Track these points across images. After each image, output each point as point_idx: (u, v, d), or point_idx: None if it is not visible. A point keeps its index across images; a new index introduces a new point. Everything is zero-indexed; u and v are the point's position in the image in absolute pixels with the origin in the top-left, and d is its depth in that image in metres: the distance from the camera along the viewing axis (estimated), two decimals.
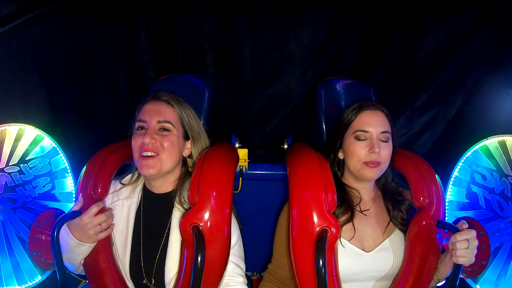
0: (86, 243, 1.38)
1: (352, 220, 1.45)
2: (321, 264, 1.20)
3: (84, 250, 1.39)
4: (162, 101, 1.48)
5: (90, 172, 1.48)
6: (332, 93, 1.90)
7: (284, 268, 1.52)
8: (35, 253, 1.73)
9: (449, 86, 2.35)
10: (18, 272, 1.95)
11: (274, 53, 2.45)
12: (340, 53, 2.44)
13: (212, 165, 1.36)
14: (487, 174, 1.99)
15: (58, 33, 2.21)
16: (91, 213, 1.37)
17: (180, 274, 1.33)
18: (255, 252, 1.74)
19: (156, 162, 1.41)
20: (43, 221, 1.74)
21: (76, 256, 1.40)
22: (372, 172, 1.44)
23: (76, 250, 1.39)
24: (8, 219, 1.98)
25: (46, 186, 2.03)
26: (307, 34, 2.41)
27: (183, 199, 1.45)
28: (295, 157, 1.45)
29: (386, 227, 1.49)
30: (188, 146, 1.53)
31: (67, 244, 1.37)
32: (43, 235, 1.74)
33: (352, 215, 1.46)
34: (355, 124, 1.49)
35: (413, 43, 2.34)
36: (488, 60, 2.24)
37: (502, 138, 1.99)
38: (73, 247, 1.38)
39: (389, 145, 1.47)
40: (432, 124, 2.44)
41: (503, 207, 1.95)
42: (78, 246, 1.38)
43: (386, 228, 1.49)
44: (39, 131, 2.03)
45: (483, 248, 1.69)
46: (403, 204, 1.52)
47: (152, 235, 1.47)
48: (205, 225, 1.26)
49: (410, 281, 1.39)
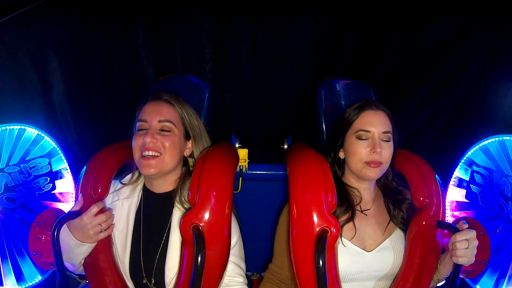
0: (86, 243, 1.38)
1: (352, 220, 1.45)
2: (321, 264, 1.20)
3: (84, 250, 1.39)
4: (163, 100, 1.48)
5: (90, 172, 1.48)
6: (332, 93, 1.90)
7: (285, 268, 1.52)
8: (35, 253, 1.73)
9: (448, 83, 2.35)
10: (18, 272, 1.95)
11: (273, 49, 2.44)
12: (339, 49, 2.43)
13: (212, 165, 1.36)
14: (487, 174, 1.99)
15: (58, 34, 2.20)
16: (91, 213, 1.37)
17: (180, 274, 1.33)
18: (255, 252, 1.74)
19: (158, 162, 1.41)
20: (43, 221, 1.74)
21: (76, 256, 1.40)
22: (374, 172, 1.44)
23: (76, 250, 1.39)
24: (8, 219, 1.98)
25: (46, 186, 2.03)
26: (306, 31, 2.40)
27: (184, 199, 1.45)
28: (295, 157, 1.45)
29: (386, 227, 1.49)
30: (189, 145, 1.53)
31: (67, 244, 1.37)
32: (43, 235, 1.74)
33: (353, 215, 1.46)
34: (356, 124, 1.49)
35: (412, 40, 2.33)
36: (487, 56, 2.24)
37: (502, 138, 1.99)
38: (73, 247, 1.37)
39: (391, 145, 1.47)
40: (432, 120, 2.43)
41: (503, 207, 1.95)
42: (78, 246, 1.38)
43: (387, 227, 1.49)
44: (39, 131, 2.03)
45: (483, 248, 1.69)
46: (404, 203, 1.52)
47: (152, 234, 1.47)
48: (205, 225, 1.26)
49: (410, 281, 1.39)
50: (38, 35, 2.14)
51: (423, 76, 2.38)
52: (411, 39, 2.33)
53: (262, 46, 2.41)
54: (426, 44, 2.32)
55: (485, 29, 2.20)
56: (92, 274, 1.46)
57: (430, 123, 2.44)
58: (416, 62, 2.36)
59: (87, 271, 1.47)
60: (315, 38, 2.40)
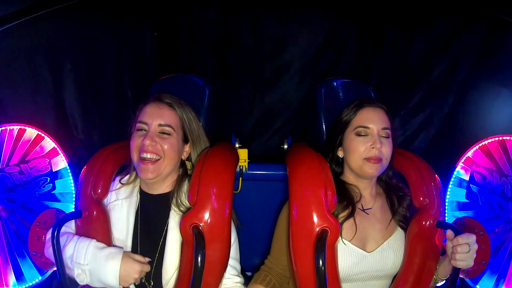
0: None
1: (353, 216, 1.45)
2: (321, 264, 1.20)
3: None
4: (165, 103, 1.48)
5: (90, 172, 1.48)
6: (332, 93, 1.90)
7: (279, 265, 1.52)
8: (35, 253, 1.73)
9: (440, 86, 2.39)
10: (18, 272, 1.95)
11: (274, 59, 2.51)
12: (337, 59, 2.50)
13: (212, 165, 1.36)
14: (487, 174, 1.99)
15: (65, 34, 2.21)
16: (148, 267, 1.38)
17: (180, 274, 1.33)
18: (254, 252, 1.74)
19: (156, 168, 1.41)
20: (43, 221, 1.74)
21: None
22: (374, 169, 1.44)
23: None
24: (8, 219, 1.98)
25: (46, 186, 2.03)
26: (305, 40, 2.47)
27: (180, 201, 1.45)
28: (295, 157, 1.45)
29: (387, 227, 1.49)
30: (186, 149, 1.53)
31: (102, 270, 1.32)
32: (43, 235, 1.74)
33: (353, 211, 1.45)
34: (355, 121, 1.49)
35: (404, 46, 2.39)
36: (477, 59, 2.26)
37: (502, 138, 1.99)
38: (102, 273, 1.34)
39: (390, 142, 1.47)
40: (426, 124, 2.47)
41: (503, 207, 1.95)
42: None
43: (388, 227, 1.49)
44: (39, 131, 2.02)
45: (483, 248, 1.69)
46: (405, 200, 1.53)
47: (150, 235, 1.47)
48: (205, 225, 1.26)
49: (410, 281, 1.39)
50: (52, 39, 2.16)
51: (415, 81, 2.43)
52: (403, 45, 2.39)
53: (263, 56, 2.49)
54: (417, 49, 2.38)
55: (473, 32, 2.24)
56: None
57: (430, 123, 2.46)
58: (408, 66, 2.42)
59: None
60: (313, 49, 2.48)
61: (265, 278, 1.54)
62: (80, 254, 1.32)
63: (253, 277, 1.57)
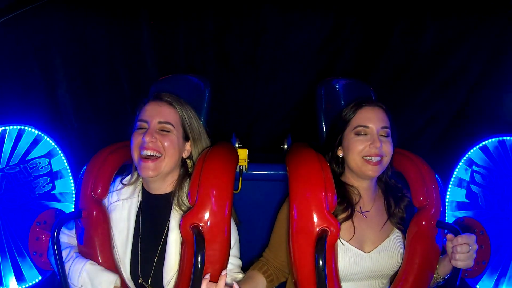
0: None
1: (351, 218, 1.45)
2: (321, 264, 1.20)
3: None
4: (164, 101, 1.48)
5: (90, 172, 1.48)
6: (332, 93, 1.90)
7: (277, 259, 1.53)
8: (35, 253, 1.74)
9: (449, 84, 2.36)
10: (18, 272, 1.95)
11: (275, 51, 2.45)
12: (340, 52, 2.44)
13: (212, 165, 1.36)
14: (487, 174, 1.99)
15: (60, 32, 2.20)
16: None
17: (180, 274, 1.33)
18: (254, 251, 1.74)
19: (156, 165, 1.41)
20: (43, 221, 1.74)
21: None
22: (373, 170, 1.44)
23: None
24: (8, 219, 1.98)
25: (46, 186, 2.03)
26: (308, 33, 2.41)
27: (181, 201, 1.45)
28: (295, 157, 1.45)
29: (384, 228, 1.49)
30: (187, 147, 1.53)
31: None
32: (43, 235, 1.74)
33: (352, 213, 1.45)
34: (355, 121, 1.49)
35: (412, 41, 2.34)
36: (488, 58, 2.24)
37: (502, 138, 1.99)
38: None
39: (390, 141, 1.47)
40: (432, 122, 2.44)
41: (503, 207, 1.96)
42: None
43: (385, 229, 1.49)
44: (39, 131, 2.03)
45: (483, 248, 1.69)
46: (403, 201, 1.52)
47: (151, 236, 1.47)
48: (205, 225, 1.26)
49: (410, 281, 1.39)
50: (42, 34, 2.14)
51: (423, 78, 2.39)
52: (412, 41, 2.34)
53: (264, 49, 2.43)
54: (427, 45, 2.33)
55: (484, 31, 2.21)
56: None
57: (431, 123, 2.45)
58: (416, 63, 2.37)
59: None
60: (316, 42, 2.43)
61: (262, 267, 1.54)
62: (74, 276, 1.36)
63: (251, 266, 1.57)
